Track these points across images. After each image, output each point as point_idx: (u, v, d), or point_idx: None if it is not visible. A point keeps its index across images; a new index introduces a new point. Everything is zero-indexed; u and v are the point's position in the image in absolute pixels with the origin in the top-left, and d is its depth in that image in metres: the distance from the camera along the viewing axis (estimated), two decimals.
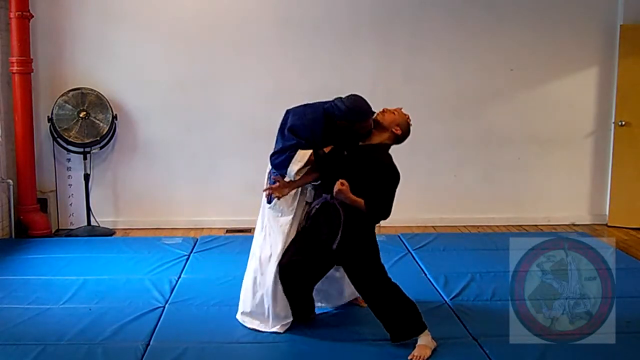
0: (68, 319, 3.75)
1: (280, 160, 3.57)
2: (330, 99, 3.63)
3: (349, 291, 3.87)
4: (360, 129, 3.51)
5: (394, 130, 3.49)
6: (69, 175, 6.16)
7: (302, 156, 3.49)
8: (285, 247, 3.58)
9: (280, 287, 3.55)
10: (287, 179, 3.55)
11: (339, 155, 3.50)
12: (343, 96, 3.55)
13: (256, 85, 6.17)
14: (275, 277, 3.55)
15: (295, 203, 3.65)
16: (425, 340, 3.35)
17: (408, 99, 6.02)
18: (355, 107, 3.47)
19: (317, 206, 3.57)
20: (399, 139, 3.54)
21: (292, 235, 3.62)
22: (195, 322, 3.75)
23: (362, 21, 6.16)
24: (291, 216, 3.63)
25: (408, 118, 3.55)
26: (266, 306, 3.60)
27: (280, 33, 6.14)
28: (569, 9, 6.24)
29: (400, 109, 3.56)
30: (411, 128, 3.57)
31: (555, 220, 6.45)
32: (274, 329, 3.58)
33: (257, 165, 6.23)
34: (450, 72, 6.25)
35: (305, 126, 3.54)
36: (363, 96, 3.55)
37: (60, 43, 5.99)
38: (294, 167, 3.49)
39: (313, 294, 3.70)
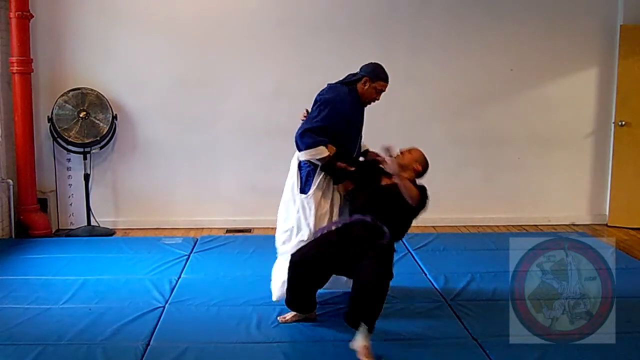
0: (68, 319, 3.75)
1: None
2: None
3: None
4: (376, 90, 3.85)
5: (414, 167, 3.74)
6: (69, 175, 6.16)
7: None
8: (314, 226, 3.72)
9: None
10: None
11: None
12: None
13: (256, 85, 6.17)
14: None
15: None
16: (366, 341, 3.29)
17: (408, 99, 6.06)
18: (376, 66, 3.88)
19: (356, 222, 3.57)
20: (420, 173, 3.80)
21: (322, 218, 3.76)
22: (195, 322, 3.75)
23: (362, 21, 6.16)
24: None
25: (422, 154, 3.80)
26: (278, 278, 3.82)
27: (280, 33, 6.14)
28: (569, 9, 6.24)
29: (413, 147, 3.80)
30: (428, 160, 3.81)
31: (555, 220, 6.45)
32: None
33: (257, 165, 6.28)
34: (450, 72, 6.25)
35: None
36: None
37: (60, 43, 5.99)
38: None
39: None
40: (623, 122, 6.26)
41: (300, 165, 3.92)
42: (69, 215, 6.21)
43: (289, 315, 3.74)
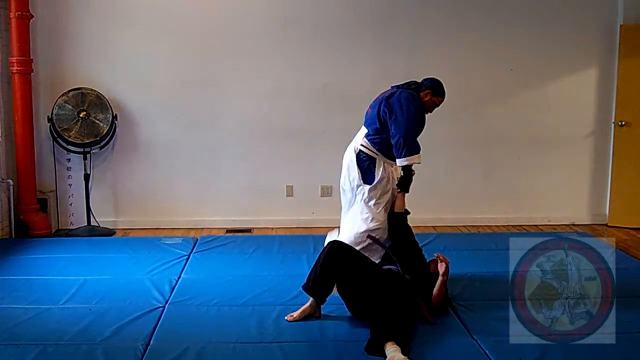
0: (68, 319, 3.75)
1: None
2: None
3: None
4: (435, 103, 4.32)
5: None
6: (69, 175, 6.16)
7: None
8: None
9: None
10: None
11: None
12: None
13: (256, 85, 6.17)
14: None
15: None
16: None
17: None
18: (438, 83, 4.33)
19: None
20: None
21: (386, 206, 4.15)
22: (195, 322, 3.74)
23: (362, 21, 6.16)
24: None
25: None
26: None
27: (280, 33, 6.14)
28: (569, 9, 6.24)
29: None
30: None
31: (555, 220, 6.45)
32: None
33: (256, 165, 6.29)
34: (450, 72, 6.19)
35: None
36: (378, 93, 4.37)
37: (60, 43, 5.99)
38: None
39: None
40: (623, 122, 6.26)
41: (360, 159, 4.18)
42: (69, 215, 6.21)
43: (296, 312, 3.76)
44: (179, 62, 6.11)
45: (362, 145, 4.20)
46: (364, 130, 4.25)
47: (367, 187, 4.13)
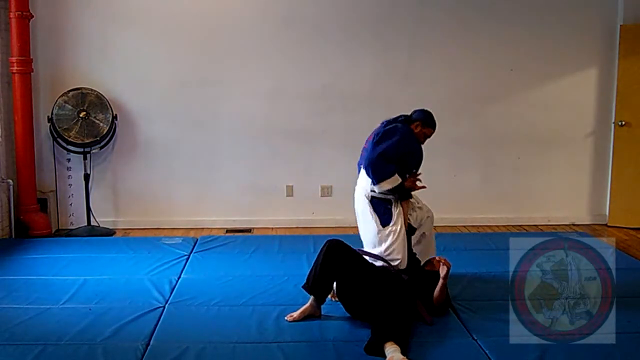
0: (68, 319, 3.75)
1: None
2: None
3: None
4: (425, 134, 4.29)
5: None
6: (69, 175, 6.16)
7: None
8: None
9: None
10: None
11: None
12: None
13: (256, 85, 6.17)
14: None
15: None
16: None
17: (408, 99, 6.03)
18: (428, 114, 4.28)
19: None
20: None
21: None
22: (195, 322, 3.75)
23: (362, 21, 6.16)
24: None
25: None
26: None
27: (280, 33, 6.14)
28: (568, 9, 6.24)
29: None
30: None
31: (555, 220, 6.45)
32: None
33: (256, 166, 6.29)
34: (450, 72, 6.26)
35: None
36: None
37: (60, 43, 5.99)
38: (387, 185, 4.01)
39: None
40: (623, 122, 6.26)
41: (375, 205, 4.05)
42: (69, 215, 6.21)
43: (296, 313, 3.77)
44: (179, 62, 6.11)
45: (372, 190, 4.04)
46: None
47: (389, 228, 3.98)
